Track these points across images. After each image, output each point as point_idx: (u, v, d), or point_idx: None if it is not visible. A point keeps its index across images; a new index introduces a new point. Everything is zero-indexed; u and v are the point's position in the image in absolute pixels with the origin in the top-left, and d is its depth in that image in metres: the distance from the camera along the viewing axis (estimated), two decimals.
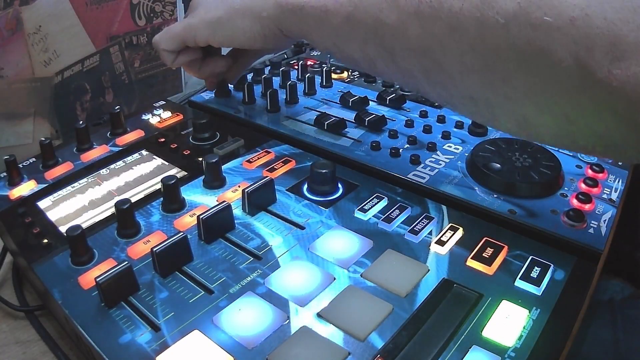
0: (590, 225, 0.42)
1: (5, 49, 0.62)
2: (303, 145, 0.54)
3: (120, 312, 0.34)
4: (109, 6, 0.71)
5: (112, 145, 0.54)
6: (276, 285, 0.36)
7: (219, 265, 0.38)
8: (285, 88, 0.63)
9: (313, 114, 0.58)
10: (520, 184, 0.45)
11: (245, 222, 0.42)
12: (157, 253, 0.36)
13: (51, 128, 0.70)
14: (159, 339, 0.32)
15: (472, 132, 0.55)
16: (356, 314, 0.33)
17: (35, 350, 0.40)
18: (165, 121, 0.59)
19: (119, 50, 0.75)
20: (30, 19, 0.63)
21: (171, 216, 0.43)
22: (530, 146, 0.49)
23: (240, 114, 0.60)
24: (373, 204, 0.43)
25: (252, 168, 0.49)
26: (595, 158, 0.51)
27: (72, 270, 0.38)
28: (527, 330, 0.32)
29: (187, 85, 0.87)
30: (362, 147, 0.53)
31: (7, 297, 0.44)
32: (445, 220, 0.42)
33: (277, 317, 0.33)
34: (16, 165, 0.49)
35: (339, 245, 0.39)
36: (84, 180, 0.49)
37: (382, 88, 0.66)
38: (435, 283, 0.36)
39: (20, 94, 0.65)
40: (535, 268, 0.37)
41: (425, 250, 0.39)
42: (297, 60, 0.75)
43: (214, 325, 0.33)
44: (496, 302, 0.34)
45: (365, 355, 0.31)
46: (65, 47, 0.68)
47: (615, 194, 0.46)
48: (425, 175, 0.48)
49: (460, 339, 0.32)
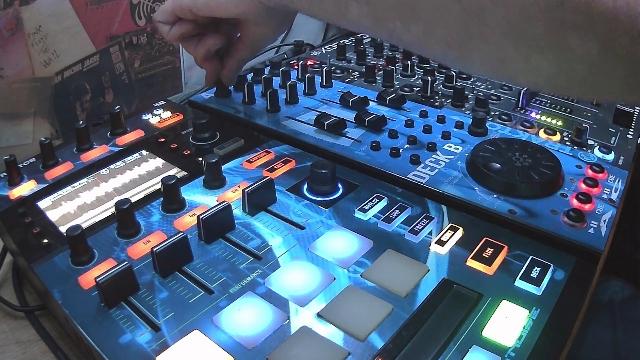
0: (590, 225, 0.42)
1: (5, 49, 0.62)
2: (303, 145, 0.54)
3: (120, 312, 0.34)
4: (109, 6, 0.71)
5: (112, 145, 0.54)
6: (276, 285, 0.36)
7: (219, 265, 0.38)
8: (285, 88, 0.63)
9: (313, 114, 0.58)
10: (520, 184, 0.45)
11: (245, 222, 0.42)
12: (157, 253, 0.36)
13: (51, 128, 0.70)
14: (159, 339, 0.32)
15: (472, 132, 0.55)
16: (356, 314, 0.33)
17: (35, 350, 0.40)
18: (165, 121, 0.59)
19: (119, 50, 0.75)
20: (30, 19, 0.63)
21: (171, 216, 0.43)
22: (530, 146, 0.49)
23: (240, 114, 0.60)
24: (373, 204, 0.43)
25: (252, 168, 0.49)
26: (596, 158, 0.51)
27: (72, 270, 0.38)
28: (527, 331, 0.32)
29: (187, 85, 0.87)
30: (362, 147, 0.53)
31: (7, 297, 0.44)
32: (445, 220, 0.42)
33: (277, 317, 0.33)
34: (16, 165, 0.49)
35: (339, 245, 0.39)
36: (84, 180, 0.49)
37: (382, 88, 0.66)
38: (435, 283, 0.36)
39: (20, 94, 0.65)
40: (535, 268, 0.37)
41: (425, 250, 0.39)
42: (297, 60, 0.75)
43: (214, 325, 0.33)
44: (496, 302, 0.34)
45: (365, 355, 0.31)
46: (65, 47, 0.68)
47: (615, 194, 0.46)
48: (425, 175, 0.48)
49: (460, 339, 0.32)
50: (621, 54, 0.28)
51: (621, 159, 0.52)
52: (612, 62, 0.29)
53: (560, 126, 0.57)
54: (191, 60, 0.64)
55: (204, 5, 0.51)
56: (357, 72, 0.72)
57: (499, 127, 0.57)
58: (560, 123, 0.58)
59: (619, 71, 0.29)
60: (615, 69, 0.29)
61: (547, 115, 0.59)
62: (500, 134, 0.55)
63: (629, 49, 0.27)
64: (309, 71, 0.70)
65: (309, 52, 0.82)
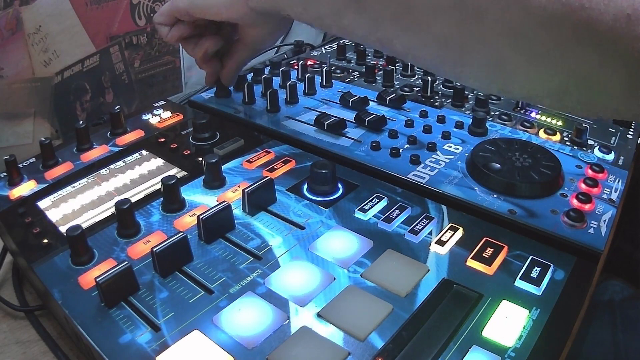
0: (590, 225, 0.42)
1: (5, 49, 0.62)
2: (303, 145, 0.54)
3: (120, 312, 0.34)
4: (109, 6, 0.71)
5: (112, 145, 0.54)
6: (276, 285, 0.36)
7: (219, 265, 0.38)
8: (285, 88, 0.63)
9: (313, 114, 0.58)
10: (520, 184, 0.45)
11: (245, 222, 0.42)
12: (157, 253, 0.36)
13: (51, 128, 0.70)
14: (159, 339, 0.32)
15: (472, 132, 0.55)
16: (356, 314, 0.33)
17: (35, 350, 0.40)
18: (165, 121, 0.59)
19: (119, 50, 0.75)
20: (30, 19, 0.63)
21: (171, 216, 0.43)
22: (530, 146, 0.49)
23: (240, 114, 0.60)
24: (373, 204, 0.43)
25: (252, 168, 0.49)
26: (596, 158, 0.51)
27: (72, 270, 0.38)
28: (527, 331, 0.32)
29: (187, 85, 0.87)
30: (362, 147, 0.53)
31: (7, 297, 0.44)
32: (445, 220, 0.42)
33: (277, 317, 0.33)
34: (16, 165, 0.49)
35: (339, 245, 0.39)
36: (84, 180, 0.49)
37: (382, 88, 0.66)
38: (435, 283, 0.36)
39: (20, 94, 0.65)
40: (535, 268, 0.37)
41: (425, 250, 0.39)
42: (297, 60, 0.75)
43: (214, 325, 0.33)
44: (496, 302, 0.34)
45: (365, 355, 0.31)
46: (65, 47, 0.68)
47: (615, 194, 0.46)
48: (425, 175, 0.48)
49: (460, 339, 0.32)
50: (621, 69, 0.28)
51: (621, 159, 0.52)
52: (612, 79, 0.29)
53: (560, 126, 0.57)
54: (191, 60, 0.64)
55: (198, 8, 0.52)
56: (357, 72, 0.72)
57: (499, 127, 0.57)
58: (560, 123, 0.58)
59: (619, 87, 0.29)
60: (614, 87, 0.29)
61: (547, 115, 0.59)
62: (500, 134, 0.55)
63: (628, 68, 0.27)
64: (309, 71, 0.70)
65: (309, 52, 0.82)
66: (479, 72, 0.35)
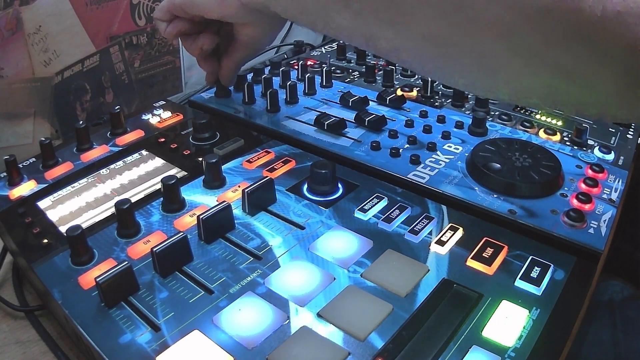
0: (590, 225, 0.42)
1: (5, 49, 0.62)
2: (303, 145, 0.54)
3: (120, 312, 0.34)
4: (109, 6, 0.71)
5: (112, 145, 0.54)
6: (276, 285, 0.36)
7: (219, 265, 0.38)
8: (285, 88, 0.63)
9: (313, 114, 0.58)
10: (520, 184, 0.45)
11: (245, 222, 0.42)
12: (157, 253, 0.36)
13: (51, 128, 0.70)
14: (159, 339, 0.32)
15: (472, 132, 0.55)
16: (356, 314, 0.33)
17: (35, 350, 0.40)
18: (165, 121, 0.59)
19: (119, 50, 0.75)
20: (30, 19, 0.63)
21: (171, 216, 0.43)
22: (530, 146, 0.49)
23: (240, 114, 0.60)
24: (373, 204, 0.43)
25: (252, 168, 0.49)
26: (596, 158, 0.51)
27: (72, 270, 0.38)
28: (527, 330, 0.32)
29: (187, 85, 0.87)
30: (362, 147, 0.53)
31: (7, 297, 0.44)
32: (445, 220, 0.42)
33: (277, 317, 0.33)
34: (16, 165, 0.49)
35: (338, 245, 0.39)
36: (84, 180, 0.49)
37: (382, 88, 0.66)
38: (435, 283, 0.36)
39: (20, 94, 0.65)
40: (535, 268, 0.37)
41: (425, 250, 0.39)
42: (297, 60, 0.75)
43: (214, 325, 0.33)
44: (496, 302, 0.34)
45: (365, 355, 0.31)
46: (65, 47, 0.68)
47: (615, 194, 0.46)
48: (425, 175, 0.48)
49: (460, 339, 0.32)
50: (611, 67, 0.27)
51: (621, 159, 0.52)
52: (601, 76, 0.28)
53: (560, 126, 0.57)
54: (191, 61, 0.64)
55: (192, 4, 0.52)
56: (357, 72, 0.72)
57: (499, 127, 0.57)
58: (560, 123, 0.58)
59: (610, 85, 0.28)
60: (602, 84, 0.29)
61: (547, 115, 0.59)
62: (500, 134, 0.55)
63: (619, 60, 0.27)
64: (309, 71, 0.70)
65: (309, 52, 0.82)
66: (464, 70, 0.34)
